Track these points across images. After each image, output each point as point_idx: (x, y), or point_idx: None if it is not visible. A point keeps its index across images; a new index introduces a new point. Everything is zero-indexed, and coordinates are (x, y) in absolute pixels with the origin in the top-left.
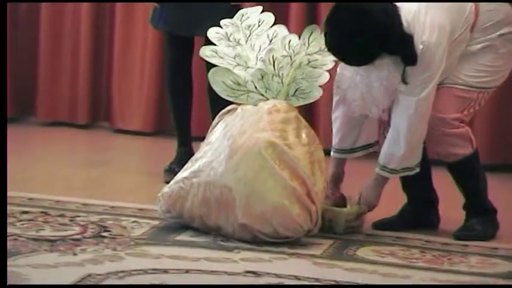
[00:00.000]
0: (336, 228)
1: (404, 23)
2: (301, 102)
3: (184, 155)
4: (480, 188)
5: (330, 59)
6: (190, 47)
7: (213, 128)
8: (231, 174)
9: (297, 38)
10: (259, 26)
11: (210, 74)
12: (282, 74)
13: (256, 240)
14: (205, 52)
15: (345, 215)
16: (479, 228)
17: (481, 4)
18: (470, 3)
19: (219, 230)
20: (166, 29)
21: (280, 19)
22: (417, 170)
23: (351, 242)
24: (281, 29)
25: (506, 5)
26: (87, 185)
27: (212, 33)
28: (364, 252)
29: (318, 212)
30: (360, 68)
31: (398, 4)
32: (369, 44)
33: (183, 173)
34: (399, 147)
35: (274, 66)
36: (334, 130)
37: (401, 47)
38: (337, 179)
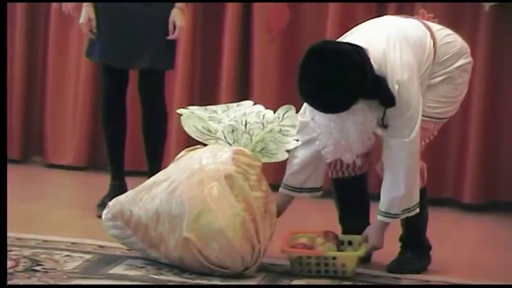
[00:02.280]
0: (348, 272)
1: (374, 65)
2: (265, 160)
3: (118, 188)
4: (421, 222)
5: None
6: (125, 79)
7: (179, 158)
8: (188, 190)
9: (272, 112)
10: (238, 106)
11: (182, 118)
12: (252, 133)
13: (193, 268)
14: (182, 111)
15: (357, 259)
16: (414, 262)
17: (438, 39)
18: (429, 39)
19: (159, 244)
20: (101, 61)
21: None
22: (417, 210)
23: (283, 275)
24: (258, 107)
25: (459, 38)
26: (20, 220)
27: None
28: (299, 283)
29: (261, 252)
30: (333, 115)
31: (363, 46)
32: (348, 89)
33: (139, 187)
34: (399, 189)
35: (245, 127)
36: (287, 166)
37: (377, 90)
38: (278, 212)
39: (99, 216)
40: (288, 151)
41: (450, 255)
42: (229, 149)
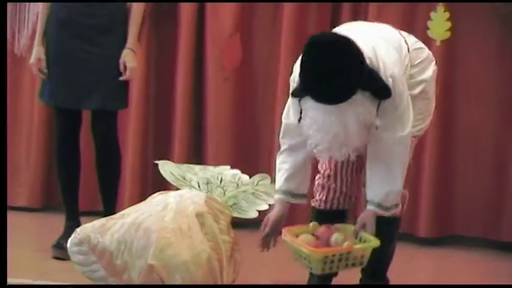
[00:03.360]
0: (365, 262)
1: (366, 60)
2: (235, 214)
3: (73, 229)
4: (388, 254)
5: (272, 200)
6: (78, 119)
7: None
8: (158, 220)
9: (248, 177)
10: (215, 168)
11: (160, 164)
12: (226, 189)
13: None
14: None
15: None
16: None
17: (409, 44)
18: (403, 43)
19: (122, 272)
20: (52, 102)
21: None
22: (400, 206)
23: None
24: (235, 171)
25: (425, 47)
26: None
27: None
28: None
29: None
30: (333, 107)
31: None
32: (351, 78)
33: (107, 218)
34: (396, 183)
35: (220, 182)
36: (279, 174)
37: (372, 81)
38: (279, 222)
39: (55, 257)
40: (259, 211)
41: None
42: (203, 193)
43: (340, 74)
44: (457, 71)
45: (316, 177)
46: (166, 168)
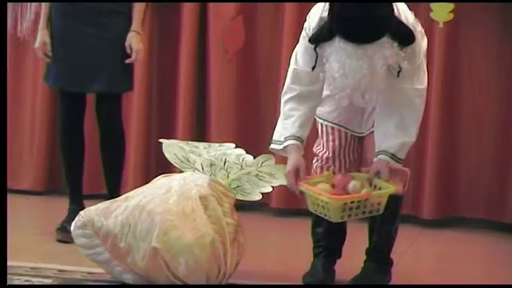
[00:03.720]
0: (381, 209)
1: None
2: (239, 197)
3: (76, 212)
4: (391, 235)
5: (278, 182)
6: (83, 103)
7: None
8: (162, 203)
9: (252, 157)
10: (219, 146)
11: (164, 145)
12: (230, 171)
13: (158, 281)
14: (164, 140)
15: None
16: (379, 278)
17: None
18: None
19: (126, 255)
20: (57, 85)
21: None
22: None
23: None
24: (239, 150)
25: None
26: None
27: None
28: None
29: (226, 274)
30: (361, 50)
31: None
32: (383, 18)
33: (111, 200)
34: (411, 135)
35: (224, 164)
36: (290, 120)
37: (398, 25)
38: (299, 168)
39: (59, 241)
40: (262, 193)
41: (411, 270)
42: (206, 176)
43: (372, 13)
44: (460, 56)
45: (314, 161)
46: (170, 150)
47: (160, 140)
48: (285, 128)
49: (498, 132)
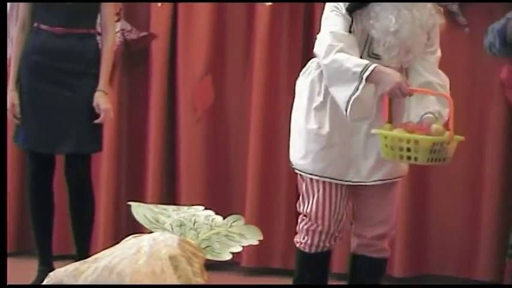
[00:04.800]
0: (449, 159)
1: None
2: (209, 257)
3: (45, 274)
4: None
5: (248, 242)
6: (52, 164)
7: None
8: (132, 264)
9: (221, 218)
10: (188, 208)
11: (133, 206)
12: (199, 231)
13: None
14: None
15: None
16: None
17: None
18: None
19: None
20: (26, 147)
21: None
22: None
23: None
24: (208, 212)
25: None
26: None
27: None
28: None
29: None
30: (411, 3)
31: None
32: None
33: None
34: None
35: (193, 224)
36: (353, 59)
37: None
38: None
39: None
40: (232, 253)
41: None
42: (176, 236)
43: None
44: None
45: (300, 219)
46: (140, 211)
47: (129, 203)
48: (357, 63)
49: (468, 189)
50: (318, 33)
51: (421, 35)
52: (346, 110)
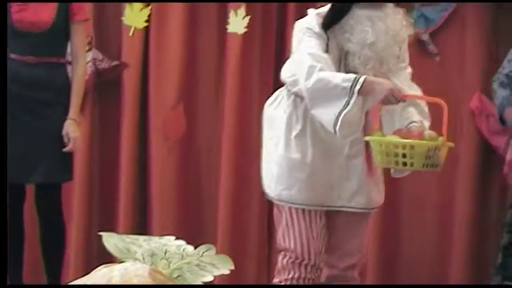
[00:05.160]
0: (440, 165)
1: None
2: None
3: None
4: None
5: (219, 271)
6: (22, 194)
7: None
8: None
9: (193, 248)
10: (159, 238)
11: (104, 236)
12: (171, 260)
13: None
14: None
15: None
16: None
17: None
18: None
19: None
20: None
21: None
22: None
23: None
24: (180, 241)
25: None
26: None
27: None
28: None
29: None
30: (383, 13)
31: None
32: None
33: None
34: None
35: (165, 254)
36: (338, 75)
37: None
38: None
39: None
40: (204, 283)
41: None
42: (147, 266)
43: None
44: None
45: (281, 256)
46: (111, 241)
47: (100, 233)
48: (344, 78)
49: (439, 219)
50: (287, 58)
51: (394, 46)
52: (335, 127)
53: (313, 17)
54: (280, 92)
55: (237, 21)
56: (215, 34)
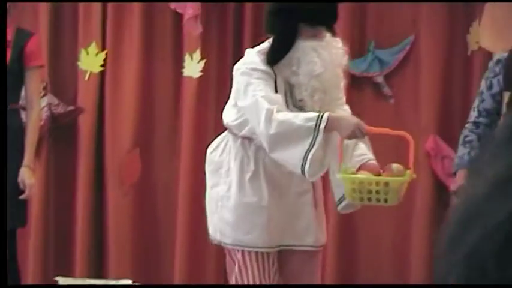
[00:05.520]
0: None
1: None
2: None
3: None
4: None
5: None
6: None
7: None
8: None
9: None
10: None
11: (61, 281)
12: None
13: None
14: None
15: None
16: None
17: None
18: None
19: None
20: None
21: None
22: None
23: None
24: (137, 285)
25: None
26: None
27: None
28: None
29: None
30: (325, 42)
31: None
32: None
33: None
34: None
35: None
36: (301, 114)
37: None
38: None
39: None
40: None
41: None
42: None
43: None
44: None
45: None
46: (71, 283)
47: (56, 278)
48: (306, 118)
49: (395, 260)
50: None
51: (338, 75)
52: (303, 168)
53: (254, 55)
54: (224, 137)
55: (193, 65)
56: (171, 78)
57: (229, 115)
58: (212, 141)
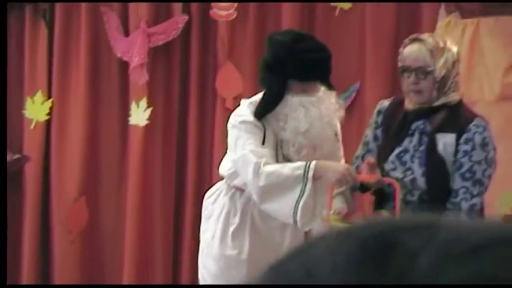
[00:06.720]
0: None
1: None
2: None
3: None
4: None
5: None
6: None
7: None
8: None
9: None
10: None
11: None
12: None
13: None
14: None
15: None
16: None
17: None
18: None
19: None
20: None
21: None
22: None
23: None
24: None
25: None
26: None
27: None
28: None
29: None
30: (316, 98)
31: None
32: (329, 56)
33: None
34: None
35: None
36: (289, 164)
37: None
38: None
39: None
40: None
41: None
42: None
43: (325, 53)
44: None
45: None
46: None
47: None
48: (293, 167)
49: None
50: (225, 153)
51: (328, 130)
52: (294, 217)
53: (246, 106)
54: (221, 186)
55: (139, 113)
56: (117, 126)
57: (224, 167)
58: (162, 189)
